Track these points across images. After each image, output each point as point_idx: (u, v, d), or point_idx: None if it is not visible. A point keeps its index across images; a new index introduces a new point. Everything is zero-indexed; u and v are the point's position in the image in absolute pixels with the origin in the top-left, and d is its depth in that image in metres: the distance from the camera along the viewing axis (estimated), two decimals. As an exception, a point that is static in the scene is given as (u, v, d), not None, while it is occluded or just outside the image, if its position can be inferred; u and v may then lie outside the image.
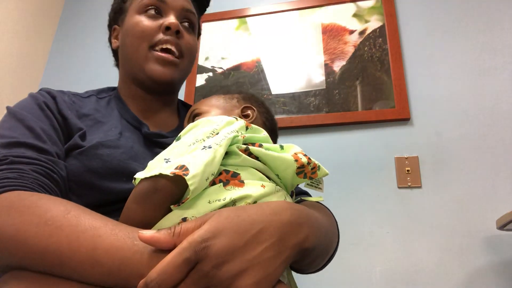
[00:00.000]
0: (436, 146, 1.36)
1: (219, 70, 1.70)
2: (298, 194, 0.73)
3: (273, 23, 1.72)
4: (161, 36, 0.69)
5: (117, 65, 0.84)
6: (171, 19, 0.70)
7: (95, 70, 1.88)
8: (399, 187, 1.34)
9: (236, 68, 1.68)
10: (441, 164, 1.33)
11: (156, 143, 0.67)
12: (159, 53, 0.69)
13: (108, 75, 1.83)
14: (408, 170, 1.35)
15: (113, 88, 0.79)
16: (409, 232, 1.27)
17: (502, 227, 1.07)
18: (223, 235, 0.38)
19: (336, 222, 0.68)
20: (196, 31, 0.79)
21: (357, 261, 1.27)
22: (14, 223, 0.41)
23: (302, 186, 0.78)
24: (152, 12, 0.72)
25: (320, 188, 0.63)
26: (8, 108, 0.61)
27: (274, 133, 0.72)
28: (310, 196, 0.73)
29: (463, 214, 1.25)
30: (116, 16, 0.81)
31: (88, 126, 0.64)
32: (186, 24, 0.75)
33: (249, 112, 0.68)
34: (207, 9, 0.88)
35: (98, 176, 0.56)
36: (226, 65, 1.70)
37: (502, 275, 1.16)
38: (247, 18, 1.76)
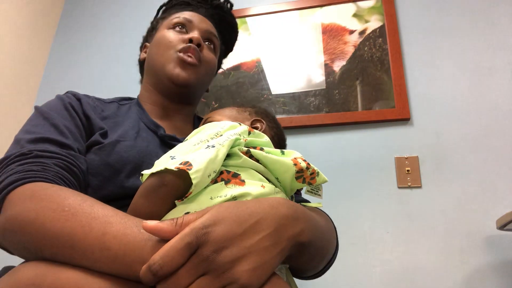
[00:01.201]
0: (436, 146, 1.36)
1: (219, 70, 1.70)
2: (297, 202, 0.75)
3: (273, 23, 1.72)
4: (184, 45, 0.78)
5: (141, 78, 0.92)
6: (194, 34, 0.80)
7: (95, 70, 1.88)
8: (399, 187, 1.34)
9: (236, 68, 1.68)
10: (441, 164, 1.33)
11: (170, 145, 0.70)
12: (181, 54, 0.76)
13: (108, 75, 1.84)
14: (408, 170, 1.35)
15: (133, 98, 0.86)
16: (409, 232, 1.27)
17: (502, 227, 1.07)
18: (223, 223, 0.40)
19: (335, 228, 0.68)
20: (216, 53, 0.88)
21: (357, 261, 1.27)
22: (35, 209, 0.45)
23: (302, 194, 0.78)
24: (180, 27, 0.82)
25: (319, 195, 0.65)
26: (36, 107, 0.67)
27: (282, 148, 0.74)
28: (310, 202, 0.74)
29: (463, 214, 1.25)
30: (148, 35, 0.90)
31: (109, 127, 0.69)
32: (207, 43, 0.84)
33: (258, 125, 0.72)
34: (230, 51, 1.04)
35: (114, 171, 0.61)
36: (226, 65, 1.70)
37: (502, 275, 1.16)
38: (247, 18, 1.76)
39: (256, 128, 0.70)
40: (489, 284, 1.15)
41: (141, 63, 0.91)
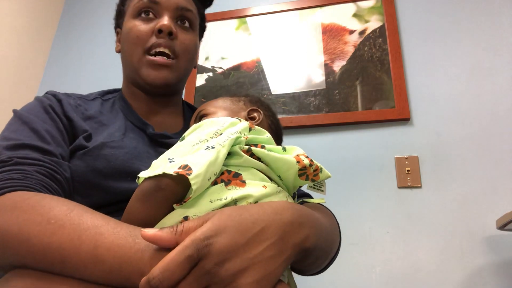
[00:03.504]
0: (436, 146, 1.36)
1: (219, 70, 1.70)
2: (300, 197, 0.74)
3: (273, 23, 1.72)
4: (154, 39, 0.69)
5: None
6: (163, 20, 0.70)
7: (95, 70, 1.88)
8: (399, 187, 1.34)
9: (236, 68, 1.68)
10: (441, 164, 1.33)
11: (161, 144, 0.67)
12: (152, 57, 0.69)
13: (107, 75, 1.84)
14: (408, 170, 1.35)
15: (118, 90, 0.80)
16: (409, 232, 1.27)
17: (502, 227, 1.07)
18: (225, 233, 0.38)
19: (338, 224, 0.68)
20: (195, 29, 0.78)
21: (357, 261, 1.27)
22: (18, 222, 0.42)
23: (305, 188, 0.78)
24: (146, 14, 0.72)
25: (322, 191, 0.63)
26: (14, 111, 0.62)
27: (279, 137, 0.73)
28: (312, 198, 0.73)
29: (463, 214, 1.25)
30: (118, 20, 0.81)
31: (93, 128, 0.65)
32: (182, 23, 0.74)
33: (255, 114, 0.68)
34: (212, 3, 0.86)
35: (102, 176, 0.57)
36: (226, 65, 1.70)
37: (502, 275, 1.16)
38: (247, 18, 1.76)
39: (254, 118, 0.68)
40: (489, 284, 1.15)
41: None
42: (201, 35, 0.86)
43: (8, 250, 0.42)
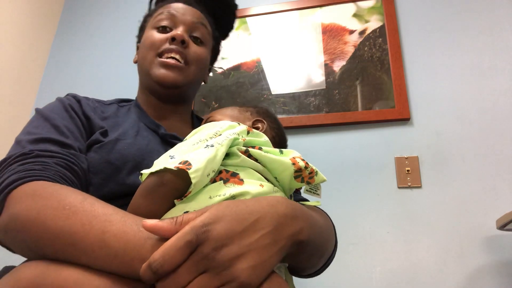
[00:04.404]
0: (436, 146, 1.36)
1: (219, 70, 1.70)
2: (296, 201, 0.75)
3: (273, 23, 1.72)
4: (167, 45, 0.76)
5: None
6: (177, 30, 0.77)
7: (95, 70, 1.88)
8: (399, 187, 1.34)
9: (236, 68, 1.68)
10: (441, 164, 1.33)
11: (171, 144, 0.70)
12: (163, 59, 0.75)
13: (107, 76, 1.84)
14: (408, 170, 1.35)
15: (132, 100, 0.86)
16: (409, 232, 1.27)
17: (502, 227, 1.07)
18: (223, 221, 0.40)
19: (334, 227, 0.69)
20: (207, 44, 0.84)
21: (357, 261, 1.27)
22: (36, 207, 0.46)
23: (301, 194, 0.78)
24: (164, 26, 0.79)
25: (318, 194, 0.65)
26: (37, 109, 0.68)
27: (283, 148, 0.74)
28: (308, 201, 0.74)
29: (463, 214, 1.25)
30: (139, 35, 0.89)
31: (109, 126, 0.70)
32: (195, 36, 0.80)
33: (259, 125, 0.72)
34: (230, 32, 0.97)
35: (114, 169, 0.62)
36: (226, 65, 1.70)
37: (502, 275, 1.16)
38: (247, 18, 1.76)
39: (257, 128, 0.70)
40: (489, 284, 1.15)
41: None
42: (214, 58, 0.93)
43: (27, 233, 0.45)
